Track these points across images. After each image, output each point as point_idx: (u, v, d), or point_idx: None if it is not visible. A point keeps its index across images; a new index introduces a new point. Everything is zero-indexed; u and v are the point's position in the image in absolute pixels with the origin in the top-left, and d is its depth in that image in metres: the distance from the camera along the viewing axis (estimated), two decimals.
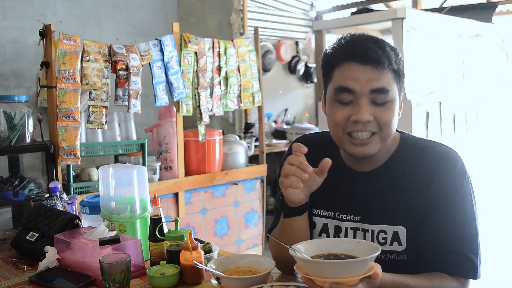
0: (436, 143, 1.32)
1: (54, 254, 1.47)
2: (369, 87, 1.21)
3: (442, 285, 1.20)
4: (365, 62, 1.21)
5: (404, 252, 1.28)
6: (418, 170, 1.28)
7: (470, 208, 1.25)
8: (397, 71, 1.24)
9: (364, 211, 1.33)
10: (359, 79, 1.21)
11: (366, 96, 1.21)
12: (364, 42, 1.23)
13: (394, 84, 1.24)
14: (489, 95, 5.69)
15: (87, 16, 4.43)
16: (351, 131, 1.24)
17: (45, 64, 2.58)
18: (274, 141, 5.10)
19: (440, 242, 1.23)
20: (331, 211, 1.38)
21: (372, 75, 1.21)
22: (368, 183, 1.33)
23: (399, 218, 1.28)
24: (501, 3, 6.05)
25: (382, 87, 1.21)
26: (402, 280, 1.15)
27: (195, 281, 1.36)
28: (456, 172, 1.26)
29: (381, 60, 1.20)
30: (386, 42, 1.25)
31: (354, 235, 1.34)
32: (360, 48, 1.22)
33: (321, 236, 1.40)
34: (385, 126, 1.23)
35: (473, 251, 1.23)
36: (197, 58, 3.20)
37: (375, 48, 1.21)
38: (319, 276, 1.02)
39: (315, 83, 6.12)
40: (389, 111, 1.23)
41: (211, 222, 3.43)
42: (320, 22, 5.86)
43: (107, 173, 1.60)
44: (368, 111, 1.21)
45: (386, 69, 1.21)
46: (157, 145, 3.26)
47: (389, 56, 1.22)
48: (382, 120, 1.23)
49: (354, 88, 1.22)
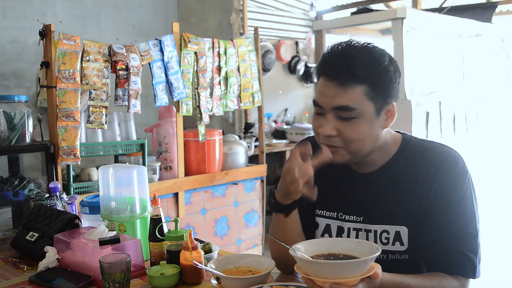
0: (437, 144, 1.33)
1: (54, 254, 1.47)
2: (332, 103, 1.23)
3: (442, 284, 1.20)
4: (331, 78, 1.23)
5: (406, 252, 1.29)
6: (420, 170, 1.29)
7: (471, 208, 1.26)
8: (373, 85, 1.21)
9: (367, 211, 1.34)
10: (325, 94, 1.24)
11: (330, 111, 1.24)
12: (337, 58, 1.23)
13: (365, 100, 1.22)
14: (489, 95, 5.69)
15: (87, 16, 4.43)
16: (321, 142, 1.29)
17: (45, 64, 2.58)
18: (274, 141, 5.10)
19: (440, 242, 1.24)
20: (333, 211, 1.40)
21: (335, 91, 1.22)
22: (370, 184, 1.34)
23: (401, 218, 1.29)
24: (501, 3, 6.05)
25: (345, 104, 1.21)
26: (402, 280, 1.16)
27: (195, 281, 1.36)
28: (457, 172, 1.26)
29: (344, 77, 1.20)
30: (367, 54, 1.22)
31: (357, 235, 1.35)
32: (331, 63, 1.23)
33: (323, 237, 1.41)
34: (350, 142, 1.25)
35: (472, 251, 1.23)
36: (197, 58, 3.20)
37: (343, 63, 1.20)
38: (320, 276, 1.02)
39: (315, 83, 6.12)
40: (355, 126, 1.23)
41: (211, 222, 3.43)
42: (320, 22, 5.87)
43: (107, 173, 1.60)
44: (331, 126, 1.24)
45: (352, 86, 1.20)
46: (157, 145, 3.26)
47: (356, 74, 1.20)
48: (346, 135, 1.24)
49: (321, 103, 1.26)
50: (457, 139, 4.83)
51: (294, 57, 5.85)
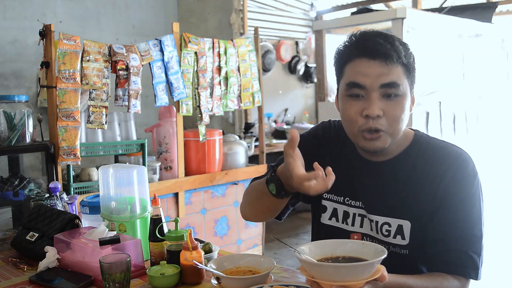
0: (449, 144, 1.33)
1: (54, 254, 1.47)
2: (379, 82, 1.22)
3: (444, 285, 1.20)
4: (374, 57, 1.22)
5: (407, 247, 1.29)
6: (429, 167, 1.29)
7: (478, 210, 1.26)
8: (407, 65, 1.25)
9: (370, 200, 1.34)
10: (369, 74, 1.23)
11: (376, 90, 1.23)
12: (373, 38, 1.24)
13: (405, 79, 1.25)
14: (489, 95, 5.68)
15: (87, 16, 4.43)
16: (365, 129, 1.25)
17: (45, 64, 2.58)
18: (274, 141, 5.10)
19: (444, 240, 1.24)
20: (340, 196, 1.40)
21: (382, 69, 1.22)
22: (378, 173, 1.34)
23: (405, 212, 1.29)
24: (501, 3, 6.04)
25: (392, 81, 1.22)
26: (405, 281, 1.15)
27: (195, 281, 1.36)
28: (466, 173, 1.26)
29: (390, 54, 1.21)
30: (395, 37, 1.27)
31: (362, 221, 1.36)
32: (369, 43, 1.23)
33: (331, 220, 1.42)
34: (394, 122, 1.24)
35: (476, 252, 1.23)
36: (197, 58, 3.20)
37: (384, 42, 1.22)
38: (326, 279, 1.01)
39: (315, 83, 6.12)
40: (399, 106, 1.24)
41: (211, 222, 3.43)
42: (320, 22, 5.86)
43: (107, 173, 1.60)
44: (378, 106, 1.23)
45: (396, 63, 1.22)
46: (157, 145, 3.26)
47: (398, 50, 1.23)
48: (391, 114, 1.24)
49: (364, 83, 1.23)
50: (457, 139, 4.82)
51: (294, 57, 5.86)
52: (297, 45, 5.94)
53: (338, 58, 1.32)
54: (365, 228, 1.35)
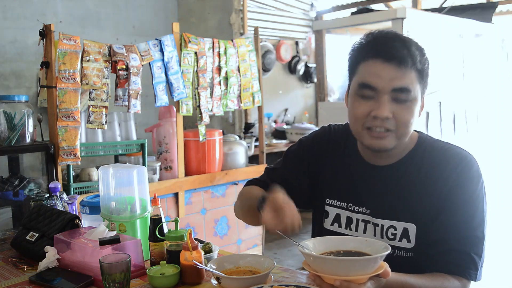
0: (453, 146, 1.33)
1: (54, 254, 1.47)
2: (391, 85, 1.22)
3: (444, 285, 1.20)
4: (389, 60, 1.22)
5: (412, 250, 1.29)
6: (434, 170, 1.29)
7: (481, 212, 1.26)
8: (421, 71, 1.25)
9: (375, 205, 1.34)
10: (382, 77, 1.22)
11: (387, 93, 1.23)
12: (391, 40, 1.24)
13: (417, 84, 1.25)
14: (489, 95, 5.68)
15: (87, 16, 4.43)
16: (370, 126, 1.25)
17: (45, 64, 2.58)
18: (274, 141, 5.10)
19: (447, 241, 1.24)
20: (344, 202, 1.40)
21: (395, 73, 1.21)
22: (382, 178, 1.34)
23: (410, 215, 1.29)
24: (501, 3, 6.04)
25: (404, 86, 1.22)
26: (407, 280, 1.16)
27: (195, 281, 1.36)
28: (471, 175, 1.26)
29: (405, 59, 1.21)
30: (413, 41, 1.26)
31: (365, 227, 1.35)
32: (386, 45, 1.23)
33: (333, 226, 1.41)
34: (403, 125, 1.25)
35: (477, 253, 1.24)
36: (197, 58, 3.20)
37: (401, 46, 1.22)
38: (329, 273, 1.01)
39: (315, 83, 6.12)
40: (409, 110, 1.24)
41: (211, 222, 3.43)
42: (320, 22, 5.86)
43: (107, 173, 1.60)
44: (388, 109, 1.22)
45: (410, 69, 1.22)
46: (157, 145, 3.26)
47: (413, 56, 1.22)
48: (401, 119, 1.24)
49: (377, 85, 1.23)
50: (457, 139, 4.82)
51: (294, 57, 5.85)
52: (297, 45, 5.94)
53: (352, 55, 1.31)
54: (369, 234, 1.35)
